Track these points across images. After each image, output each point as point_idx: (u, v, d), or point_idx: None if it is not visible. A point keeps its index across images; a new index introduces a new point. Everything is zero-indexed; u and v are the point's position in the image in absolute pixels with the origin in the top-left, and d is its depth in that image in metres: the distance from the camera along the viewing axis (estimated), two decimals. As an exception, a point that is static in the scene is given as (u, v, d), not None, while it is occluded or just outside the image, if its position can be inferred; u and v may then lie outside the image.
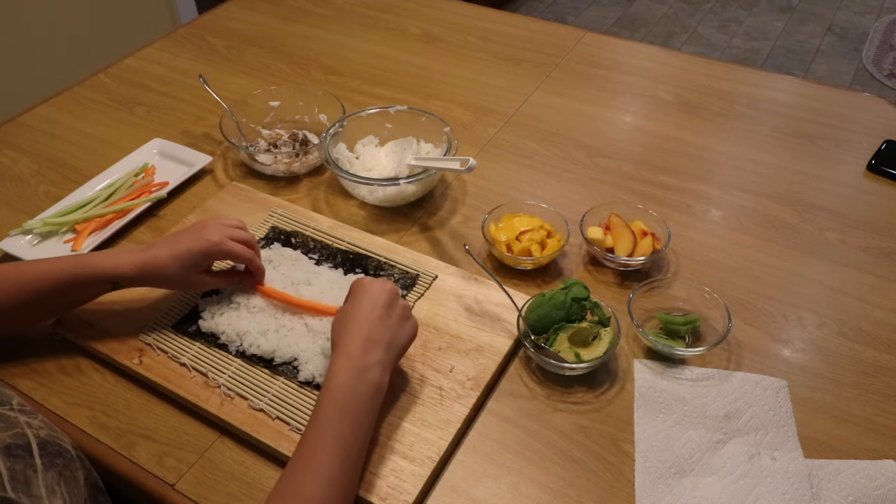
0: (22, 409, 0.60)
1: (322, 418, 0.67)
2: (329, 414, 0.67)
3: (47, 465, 0.56)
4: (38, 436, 0.58)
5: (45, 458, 0.57)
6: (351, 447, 0.66)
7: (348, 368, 0.69)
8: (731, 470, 0.73)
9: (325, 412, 0.67)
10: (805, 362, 0.84)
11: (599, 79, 1.34)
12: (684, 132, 1.20)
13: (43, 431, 0.59)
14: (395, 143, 1.10)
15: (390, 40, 1.46)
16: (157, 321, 0.86)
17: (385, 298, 0.73)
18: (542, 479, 0.73)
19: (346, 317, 0.73)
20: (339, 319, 0.74)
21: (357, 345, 0.70)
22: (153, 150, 1.15)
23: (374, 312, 0.72)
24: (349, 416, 0.67)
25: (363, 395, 0.68)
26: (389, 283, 0.75)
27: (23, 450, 0.55)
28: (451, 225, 1.03)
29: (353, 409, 0.68)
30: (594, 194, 1.07)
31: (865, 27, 3.30)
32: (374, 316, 0.72)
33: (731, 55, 3.15)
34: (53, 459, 0.57)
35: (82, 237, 0.98)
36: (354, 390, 0.68)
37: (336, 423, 0.66)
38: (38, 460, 0.56)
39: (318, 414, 0.67)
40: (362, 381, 0.69)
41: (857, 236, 1.00)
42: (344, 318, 0.73)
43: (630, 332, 0.86)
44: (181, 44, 1.47)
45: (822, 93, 1.30)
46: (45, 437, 0.58)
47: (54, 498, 0.55)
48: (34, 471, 0.55)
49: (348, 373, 0.68)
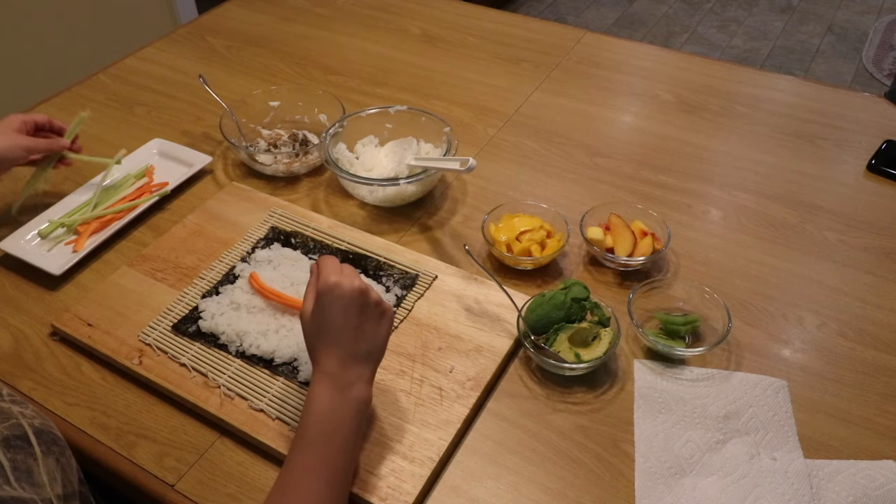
0: (13, 400, 0.60)
1: (308, 442, 0.65)
2: (314, 437, 0.65)
3: (45, 452, 0.57)
4: (33, 424, 0.58)
5: (42, 446, 0.57)
6: (338, 469, 0.65)
7: (330, 388, 0.66)
8: (731, 470, 0.73)
9: (310, 435, 0.65)
10: (805, 362, 0.84)
11: (599, 79, 1.34)
12: (684, 132, 1.20)
13: (36, 420, 0.59)
14: (395, 143, 1.10)
15: (390, 40, 1.46)
16: (156, 321, 0.86)
17: (357, 304, 0.68)
18: (542, 479, 0.73)
19: (320, 329, 0.68)
20: (313, 330, 0.69)
21: (336, 362, 0.67)
22: (153, 150, 1.15)
23: (350, 324, 0.67)
24: (336, 438, 0.65)
25: (348, 413, 0.66)
26: (357, 282, 0.68)
27: (21, 440, 0.56)
28: (451, 225, 1.03)
29: (339, 430, 0.66)
30: (594, 194, 1.07)
31: (865, 27, 3.30)
32: (349, 328, 0.67)
33: (731, 55, 3.15)
34: (50, 447, 0.58)
35: (83, 238, 0.98)
36: (339, 411, 0.66)
37: (322, 446, 0.65)
38: (37, 448, 0.56)
39: (303, 437, 0.65)
40: (346, 400, 0.66)
41: (857, 236, 1.00)
42: (317, 330, 0.68)
43: (630, 332, 0.86)
44: (181, 44, 1.47)
45: (822, 93, 1.30)
46: (39, 426, 0.59)
47: (55, 484, 0.55)
48: (35, 459, 0.55)
49: (330, 393, 0.66)
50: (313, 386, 0.67)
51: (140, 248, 0.99)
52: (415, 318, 0.86)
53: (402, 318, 0.86)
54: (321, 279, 0.68)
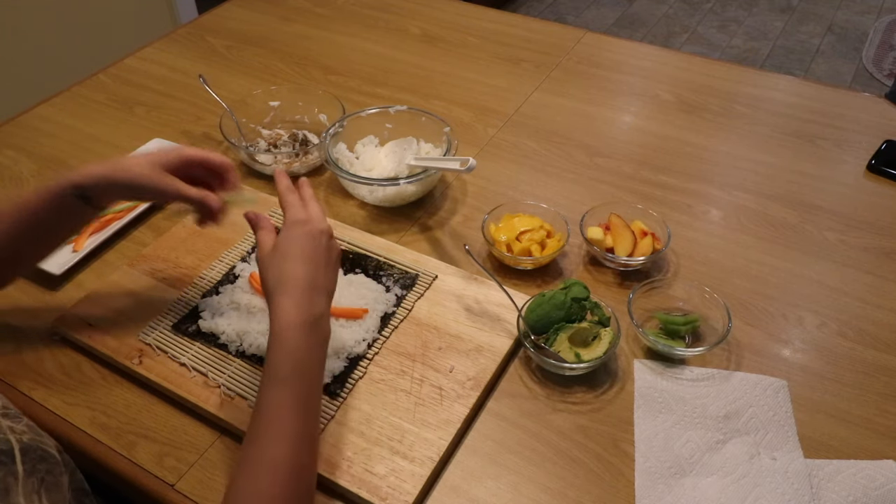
0: (6, 413, 0.59)
1: (282, 378, 0.64)
2: (288, 374, 0.64)
3: (29, 471, 0.55)
4: (22, 441, 0.57)
5: (27, 465, 0.56)
6: (311, 404, 0.66)
7: (301, 324, 0.65)
8: (731, 470, 0.73)
9: (283, 372, 0.64)
10: (805, 362, 0.84)
11: (599, 79, 1.34)
12: (684, 132, 1.20)
13: (26, 436, 0.58)
14: (395, 143, 1.10)
15: (390, 40, 1.46)
16: (156, 321, 0.86)
17: (325, 241, 0.70)
18: (542, 479, 0.73)
19: (285, 258, 0.68)
20: (275, 259, 0.68)
21: (304, 294, 0.67)
22: (153, 150, 1.15)
23: (318, 257, 0.69)
24: (308, 373, 0.65)
25: (316, 349, 0.67)
26: (325, 223, 0.71)
27: (5, 455, 0.54)
28: (451, 225, 1.03)
29: (310, 365, 0.66)
30: (594, 194, 1.07)
31: (865, 27, 3.30)
32: (318, 260, 0.69)
33: (731, 55, 3.15)
34: (36, 465, 0.57)
35: (83, 238, 0.98)
36: (309, 346, 0.66)
37: (296, 382, 0.64)
38: (19, 467, 0.55)
39: (276, 374, 0.64)
40: (315, 335, 0.67)
41: (857, 236, 1.00)
42: (281, 259, 0.68)
43: (630, 332, 0.86)
44: (181, 44, 1.47)
45: (822, 93, 1.30)
46: (27, 442, 0.57)
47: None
48: (14, 478, 0.54)
49: (302, 329, 0.65)
50: (279, 316, 0.66)
51: (140, 248, 0.99)
52: (415, 317, 0.86)
53: (402, 318, 0.86)
54: (290, 215, 0.71)
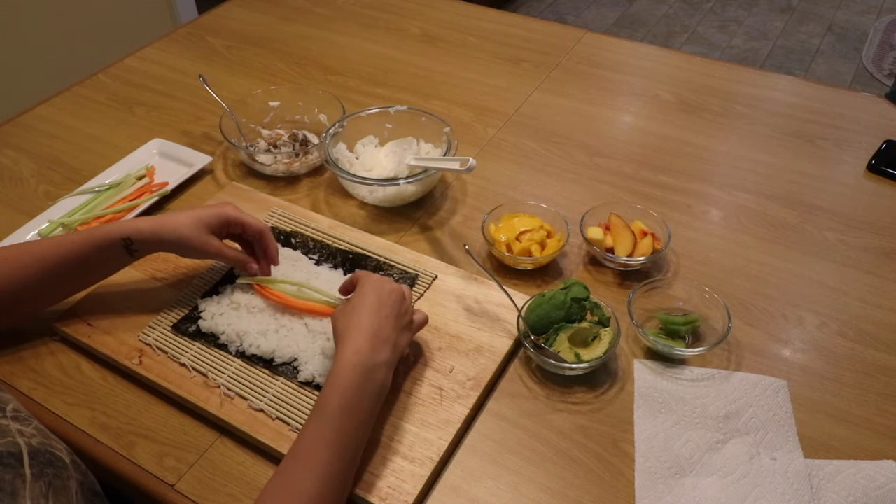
0: (16, 416, 0.60)
1: (327, 414, 0.66)
2: (334, 410, 0.66)
3: (37, 475, 0.56)
4: (31, 444, 0.57)
5: (34, 468, 0.56)
6: (351, 446, 0.66)
7: (356, 365, 0.68)
8: (731, 470, 0.73)
9: (330, 408, 0.66)
10: (805, 362, 0.84)
11: (599, 79, 1.34)
12: (684, 132, 1.20)
13: (35, 440, 0.58)
14: (395, 143, 1.10)
15: (390, 40, 1.46)
16: (156, 321, 0.86)
17: (396, 298, 0.74)
18: (542, 479, 0.73)
19: (354, 309, 0.72)
20: (345, 310, 0.72)
21: (366, 340, 0.69)
22: (153, 150, 1.15)
23: (384, 310, 0.72)
24: (354, 414, 0.67)
25: (369, 394, 0.68)
26: (402, 286, 0.76)
27: (14, 458, 0.55)
28: (450, 225, 1.03)
29: (359, 408, 0.67)
30: (594, 194, 1.07)
31: (865, 27, 3.30)
32: (383, 313, 0.71)
33: (731, 55, 3.15)
34: (44, 469, 0.57)
35: (82, 237, 0.98)
36: (361, 389, 0.67)
37: (340, 420, 0.66)
38: (27, 470, 0.55)
39: (323, 409, 0.66)
40: (369, 380, 0.68)
41: (857, 236, 1.00)
42: (351, 311, 0.72)
43: (630, 332, 0.86)
44: (181, 44, 1.47)
45: (822, 93, 1.30)
46: (36, 446, 0.58)
47: None
48: (22, 481, 0.54)
49: (357, 370, 0.67)
50: (339, 360, 0.68)
51: (140, 248, 0.99)
52: (415, 318, 0.86)
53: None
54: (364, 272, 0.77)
